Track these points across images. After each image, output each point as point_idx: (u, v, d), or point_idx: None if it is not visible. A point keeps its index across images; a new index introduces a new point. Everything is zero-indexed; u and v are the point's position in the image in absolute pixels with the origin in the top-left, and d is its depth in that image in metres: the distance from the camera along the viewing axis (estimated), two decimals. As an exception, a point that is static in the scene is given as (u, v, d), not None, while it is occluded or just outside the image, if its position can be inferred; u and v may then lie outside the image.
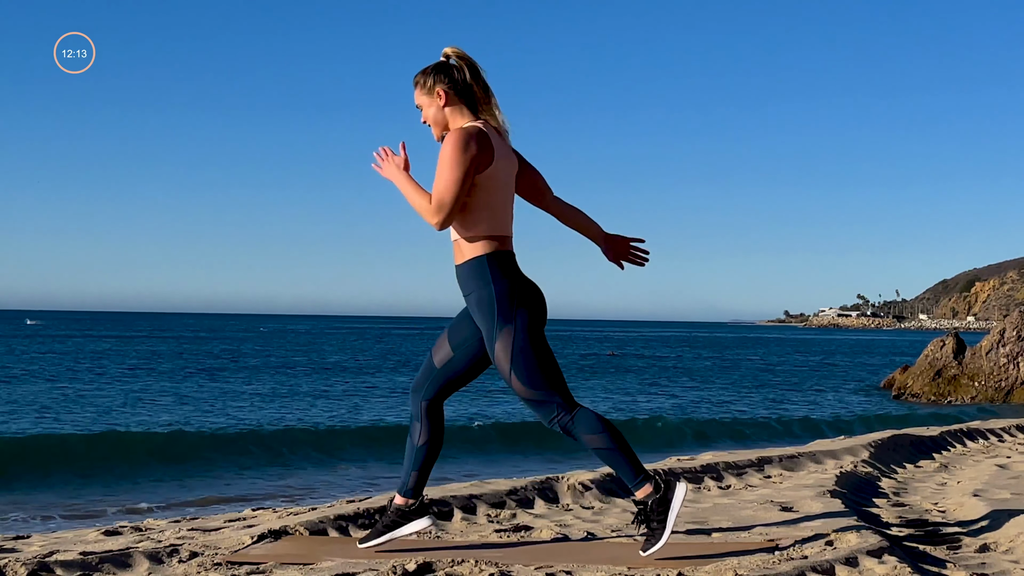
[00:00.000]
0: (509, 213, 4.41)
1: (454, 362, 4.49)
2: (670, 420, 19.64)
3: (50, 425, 16.72)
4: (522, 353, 4.28)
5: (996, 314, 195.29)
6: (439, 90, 4.37)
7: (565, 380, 4.40)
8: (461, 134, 4.25)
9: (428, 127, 4.45)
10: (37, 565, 4.30)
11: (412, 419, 4.55)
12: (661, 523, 4.26)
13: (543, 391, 4.30)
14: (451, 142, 4.24)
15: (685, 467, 7.23)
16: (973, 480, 7.15)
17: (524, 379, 4.29)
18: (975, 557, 4.65)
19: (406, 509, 4.55)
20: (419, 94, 4.42)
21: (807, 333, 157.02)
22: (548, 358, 4.33)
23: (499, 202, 4.34)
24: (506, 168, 4.37)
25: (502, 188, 4.35)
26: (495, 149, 4.30)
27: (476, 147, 4.23)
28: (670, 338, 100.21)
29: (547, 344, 4.37)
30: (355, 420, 18.35)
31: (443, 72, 4.38)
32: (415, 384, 4.56)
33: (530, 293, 4.35)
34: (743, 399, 25.88)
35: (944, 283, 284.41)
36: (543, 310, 4.39)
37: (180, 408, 20.12)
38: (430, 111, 4.41)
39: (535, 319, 4.33)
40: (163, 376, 29.76)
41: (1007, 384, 23.79)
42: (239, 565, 4.37)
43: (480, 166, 4.25)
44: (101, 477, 11.80)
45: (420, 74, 4.41)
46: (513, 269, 4.34)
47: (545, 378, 4.30)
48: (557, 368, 4.37)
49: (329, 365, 37.98)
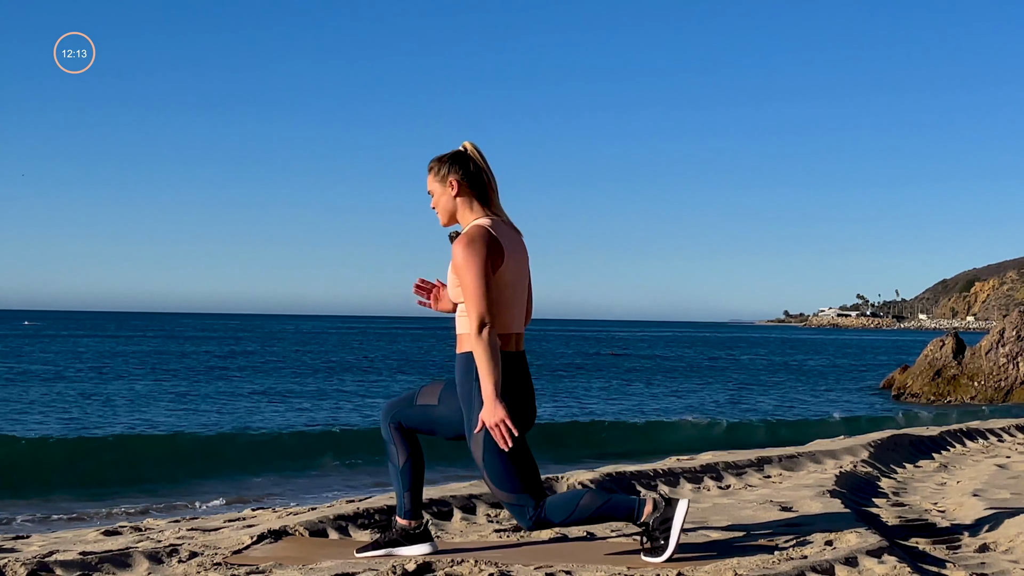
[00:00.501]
0: (518, 311, 4.38)
1: (434, 413, 4.48)
2: (670, 421, 19.65)
3: (78, 428, 16.73)
4: (496, 455, 4.28)
5: (996, 314, 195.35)
6: (452, 180, 4.38)
7: (539, 475, 4.39)
8: (466, 240, 4.25)
9: (434, 212, 4.47)
10: (37, 565, 4.30)
11: (386, 443, 4.54)
12: (666, 540, 4.27)
13: (515, 494, 4.32)
14: (462, 253, 4.23)
15: (685, 467, 7.23)
16: (973, 480, 7.15)
17: (496, 480, 4.31)
18: (975, 557, 4.65)
19: (410, 531, 4.54)
20: (432, 180, 4.44)
21: (807, 333, 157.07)
22: (523, 461, 4.31)
23: (508, 299, 4.32)
24: (516, 264, 4.36)
25: (510, 285, 4.33)
26: (504, 247, 4.30)
27: (485, 246, 4.23)
28: (670, 338, 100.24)
29: (526, 447, 4.35)
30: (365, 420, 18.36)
31: (458, 163, 4.40)
32: (387, 406, 4.56)
33: (519, 399, 4.31)
34: (743, 399, 25.89)
35: (944, 283, 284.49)
36: (530, 417, 4.38)
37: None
38: (441, 199, 4.42)
39: (517, 426, 4.27)
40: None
41: (1007, 384, 23.80)
42: (239, 565, 4.37)
43: (495, 264, 4.25)
44: (105, 477, 11.80)
45: (435, 161, 4.44)
46: (506, 371, 4.27)
47: (516, 481, 4.30)
48: (531, 467, 4.34)
49: (371, 364, 38.00)
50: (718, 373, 37.93)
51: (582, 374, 34.66)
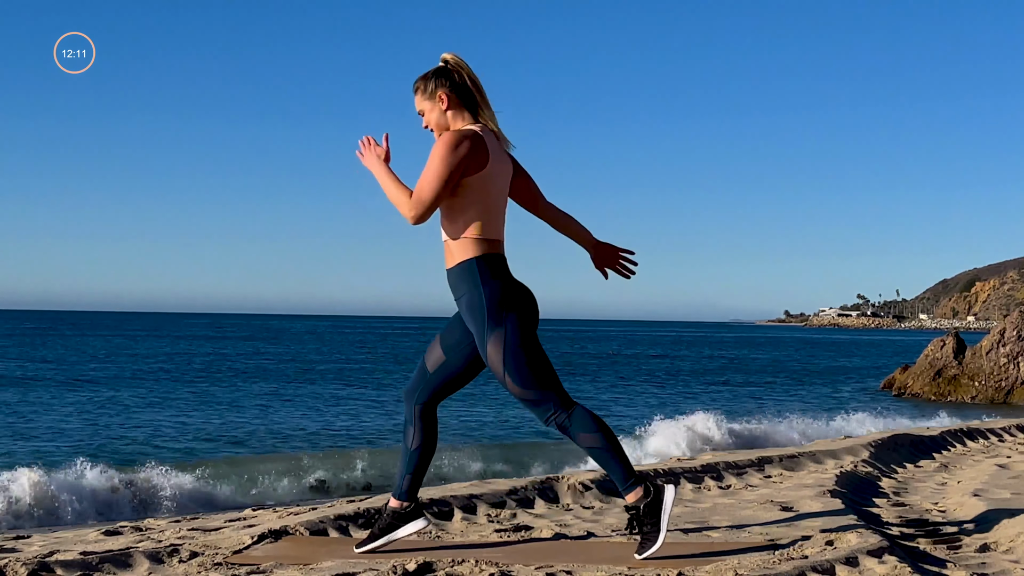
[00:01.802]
0: (502, 217, 4.42)
1: (447, 366, 4.49)
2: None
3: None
4: (514, 354, 4.28)
5: (996, 314, 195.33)
6: (441, 94, 4.38)
7: (559, 379, 4.41)
8: (455, 135, 4.26)
9: (431, 132, 4.45)
10: (37, 565, 4.30)
11: (406, 423, 4.56)
12: (654, 526, 4.27)
13: (537, 390, 4.31)
14: (443, 141, 4.25)
15: (685, 467, 7.23)
16: (973, 480, 7.15)
17: (518, 380, 4.29)
18: (975, 557, 4.65)
19: (401, 512, 4.56)
20: (420, 99, 4.43)
21: (807, 333, 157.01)
22: (541, 358, 4.34)
23: (492, 206, 4.34)
24: (500, 172, 4.37)
25: (495, 192, 4.35)
26: (490, 152, 4.31)
27: (468, 149, 4.24)
28: (670, 338, 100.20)
29: (539, 344, 4.37)
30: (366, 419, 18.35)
31: (444, 76, 4.39)
32: (408, 389, 4.57)
33: (521, 295, 4.35)
34: (743, 398, 25.88)
35: (944, 283, 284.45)
36: (534, 311, 4.39)
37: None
38: (432, 115, 4.41)
39: (526, 320, 4.33)
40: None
41: (1007, 384, 23.79)
42: (239, 565, 4.37)
43: (471, 168, 4.26)
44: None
45: (420, 79, 4.42)
46: (504, 272, 4.35)
47: (539, 377, 4.30)
48: (550, 367, 4.37)
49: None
50: (717, 373, 37.91)
51: (584, 375, 34.66)
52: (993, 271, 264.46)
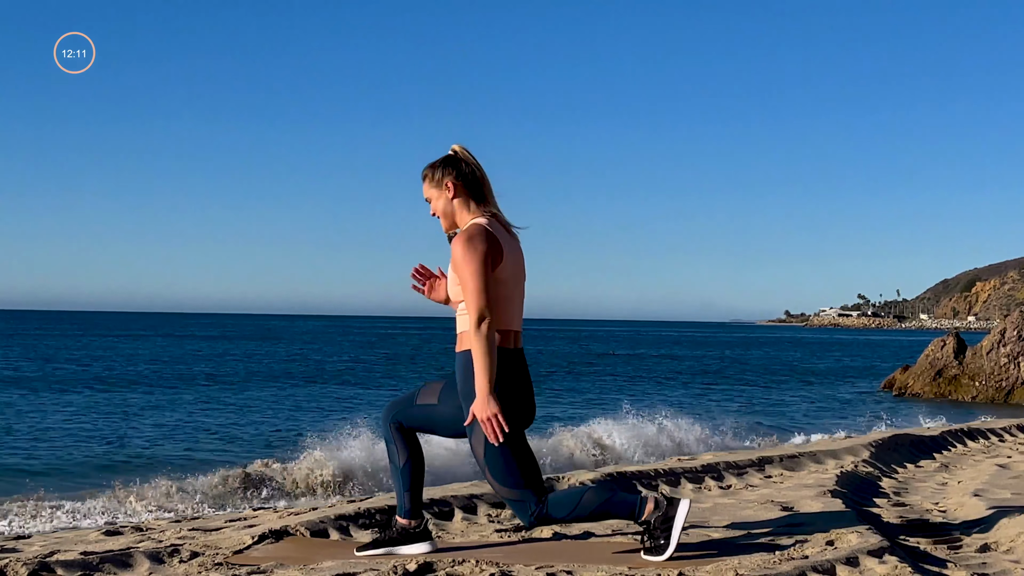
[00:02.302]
0: (516, 308, 4.41)
1: (434, 411, 4.50)
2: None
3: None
4: (497, 452, 4.29)
5: (997, 314, 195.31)
6: (448, 183, 4.41)
7: (540, 471, 4.41)
8: (465, 237, 4.27)
9: (437, 219, 4.49)
10: (38, 565, 4.30)
11: (387, 443, 4.56)
12: (667, 539, 4.29)
13: (517, 489, 4.33)
14: (461, 249, 4.26)
15: (686, 467, 7.23)
16: (974, 480, 7.15)
17: (498, 477, 4.32)
18: (976, 557, 4.65)
19: (410, 530, 4.55)
20: (427, 187, 4.47)
21: (808, 333, 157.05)
22: (524, 456, 4.33)
23: (506, 296, 4.35)
24: (513, 263, 4.38)
25: (508, 283, 4.36)
26: (502, 244, 4.33)
27: (483, 243, 4.26)
28: (670, 338, 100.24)
29: (526, 443, 4.37)
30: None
31: (451, 166, 4.43)
32: (388, 408, 4.58)
33: (516, 396, 4.33)
34: (744, 398, 25.88)
35: (945, 283, 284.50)
36: (530, 413, 4.41)
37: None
38: (439, 203, 4.45)
39: (516, 422, 4.31)
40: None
41: (1007, 384, 23.78)
42: (240, 565, 4.37)
43: (494, 261, 4.27)
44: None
45: (428, 168, 4.47)
46: (505, 368, 4.31)
47: (518, 477, 4.31)
48: (531, 463, 4.36)
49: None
50: (717, 373, 37.92)
51: (584, 375, 34.66)
52: (993, 271, 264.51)
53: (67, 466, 12.56)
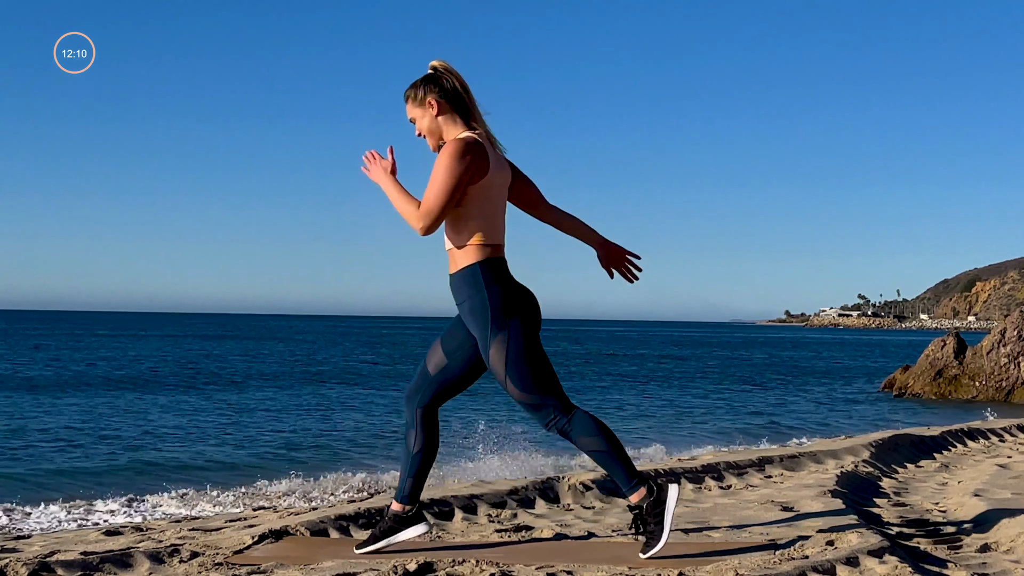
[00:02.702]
0: (502, 222, 4.45)
1: (449, 368, 4.51)
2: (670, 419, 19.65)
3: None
4: (516, 359, 4.31)
5: (997, 314, 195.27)
6: (431, 100, 4.40)
7: (560, 383, 4.43)
8: (458, 144, 4.28)
9: (423, 140, 4.48)
10: (38, 565, 4.30)
11: (407, 426, 4.57)
12: (658, 525, 4.29)
13: (539, 395, 4.33)
14: (448, 151, 4.27)
15: (686, 467, 7.23)
16: (974, 480, 7.15)
17: (519, 384, 4.32)
18: (976, 557, 4.65)
19: (403, 515, 4.57)
20: (411, 107, 4.46)
21: (808, 333, 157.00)
22: (543, 362, 4.36)
23: (493, 211, 4.38)
24: (500, 178, 4.40)
25: (496, 198, 4.39)
26: (490, 159, 4.34)
27: (472, 157, 4.27)
28: (670, 338, 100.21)
29: (541, 348, 4.40)
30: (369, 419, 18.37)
31: (433, 83, 4.42)
32: (409, 392, 4.58)
33: (523, 299, 4.37)
34: (744, 398, 25.88)
35: (945, 283, 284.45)
36: (537, 315, 4.42)
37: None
38: (423, 122, 4.44)
39: (529, 324, 4.36)
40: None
41: (1008, 384, 23.78)
42: (240, 565, 4.37)
43: (475, 176, 4.29)
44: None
45: (410, 88, 4.45)
46: (506, 276, 4.38)
47: (540, 382, 4.33)
48: (552, 371, 4.40)
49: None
50: (718, 373, 37.91)
51: (584, 375, 34.65)
52: (993, 271, 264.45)
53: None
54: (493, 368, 4.35)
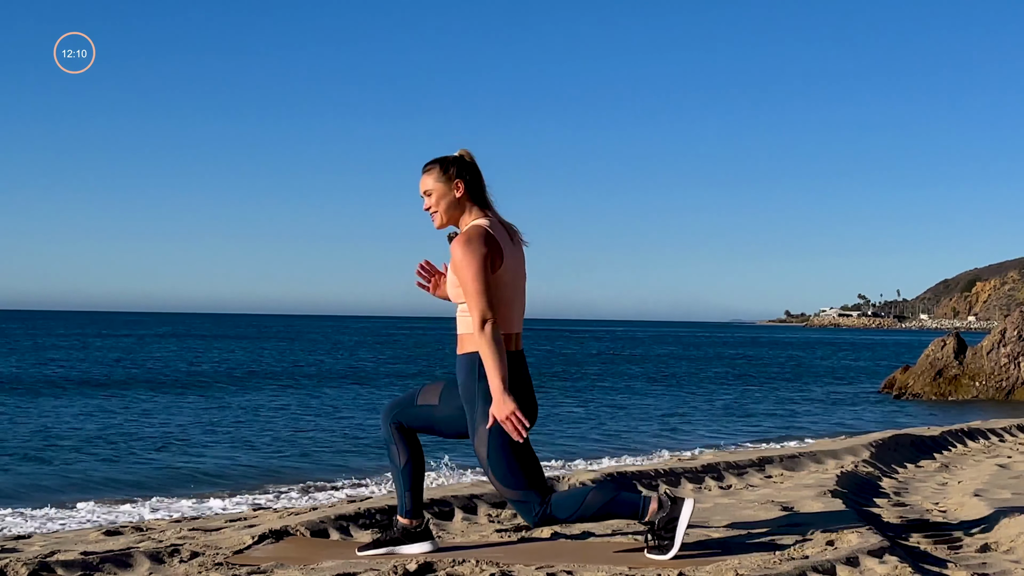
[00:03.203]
0: (517, 310, 4.41)
1: (435, 412, 4.51)
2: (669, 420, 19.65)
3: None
4: (499, 454, 4.30)
5: (997, 314, 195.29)
6: (459, 183, 4.41)
7: (542, 472, 4.42)
8: (466, 240, 4.27)
9: (426, 214, 4.48)
10: (38, 565, 4.30)
11: (386, 444, 4.56)
12: (671, 539, 4.30)
13: (520, 490, 4.34)
14: (459, 248, 4.26)
15: (686, 467, 7.23)
16: (974, 480, 7.15)
17: (500, 479, 4.33)
18: (976, 557, 4.65)
19: (411, 530, 4.56)
20: (433, 180, 4.44)
21: (808, 333, 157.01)
22: (526, 457, 4.34)
23: (507, 298, 4.35)
24: (513, 264, 4.39)
25: (509, 285, 4.36)
26: (502, 246, 4.33)
27: (485, 246, 4.26)
28: (670, 338, 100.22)
29: (528, 443, 4.38)
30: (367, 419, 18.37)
31: (462, 166, 4.43)
32: (388, 405, 4.58)
33: (519, 397, 4.32)
34: (744, 399, 25.88)
35: (945, 283, 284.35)
36: (531, 413, 4.41)
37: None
38: (444, 199, 4.42)
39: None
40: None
41: (1008, 384, 23.78)
42: (240, 565, 4.37)
43: (494, 262, 4.28)
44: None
45: (439, 161, 4.45)
46: (508, 369, 4.31)
47: (520, 478, 4.33)
48: (534, 463, 4.38)
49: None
50: (717, 373, 37.91)
51: (583, 375, 34.64)
52: (994, 271, 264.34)
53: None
54: (477, 453, 4.36)
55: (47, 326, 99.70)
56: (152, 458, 13.23)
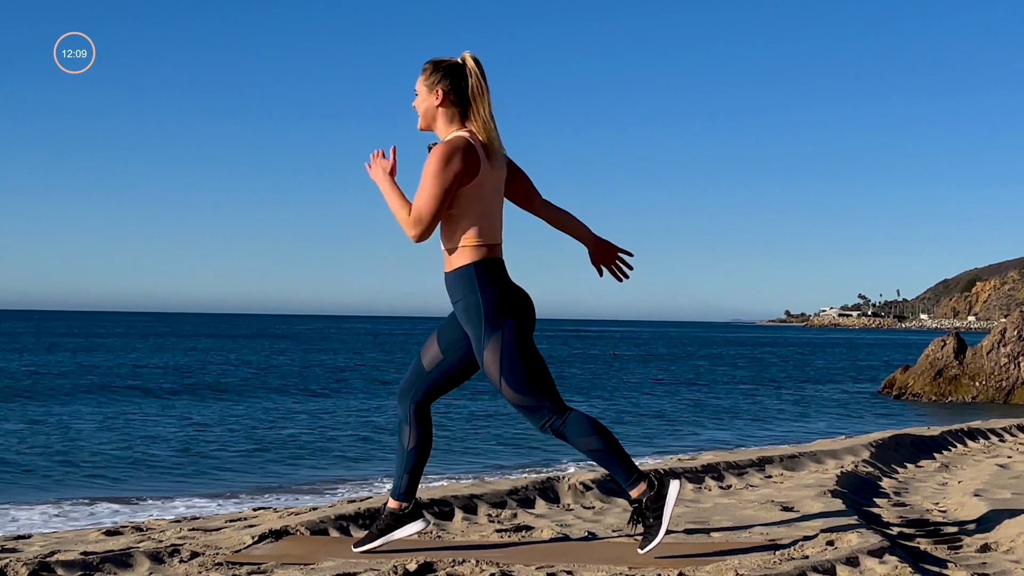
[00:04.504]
0: (498, 221, 4.44)
1: (443, 364, 4.51)
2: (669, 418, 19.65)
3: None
4: (511, 361, 4.30)
5: (997, 314, 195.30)
6: (439, 89, 4.40)
7: (555, 384, 4.42)
8: (445, 148, 4.27)
9: (415, 111, 4.48)
10: (38, 565, 4.30)
11: (400, 423, 4.57)
12: (657, 519, 4.29)
13: (533, 397, 4.32)
14: (435, 156, 4.27)
15: (686, 466, 7.23)
16: (974, 480, 7.15)
17: (513, 386, 4.32)
18: (976, 557, 4.65)
19: (400, 513, 4.56)
20: (421, 82, 4.45)
21: (808, 333, 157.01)
22: (537, 363, 4.35)
23: (487, 211, 4.37)
24: (494, 177, 4.39)
25: (490, 197, 4.37)
26: (481, 160, 4.33)
27: (460, 162, 4.26)
28: (670, 338, 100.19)
29: (536, 349, 4.39)
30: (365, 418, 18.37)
31: (451, 74, 4.40)
32: (403, 387, 4.57)
33: (518, 300, 4.37)
34: (744, 398, 25.88)
35: (945, 283, 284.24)
36: (531, 316, 4.41)
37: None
38: (423, 104, 4.44)
39: (523, 325, 4.35)
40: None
41: (1008, 384, 23.77)
42: (240, 565, 4.37)
43: (465, 179, 4.28)
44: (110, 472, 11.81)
45: (431, 63, 4.44)
46: (501, 276, 4.37)
47: (534, 384, 4.32)
48: (546, 372, 4.39)
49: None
50: (718, 373, 37.91)
51: (585, 375, 34.64)
52: (994, 271, 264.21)
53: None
54: (487, 370, 4.34)
55: (47, 326, 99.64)
56: (153, 458, 13.23)
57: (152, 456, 13.41)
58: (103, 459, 13.07)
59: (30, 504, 9.60)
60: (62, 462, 12.80)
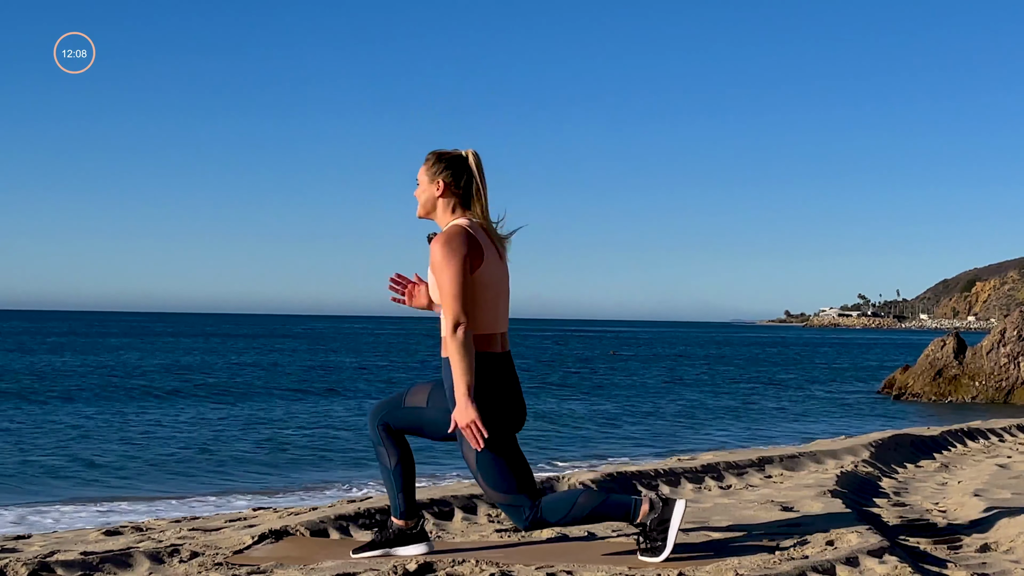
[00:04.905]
0: (500, 311, 4.39)
1: (423, 415, 4.46)
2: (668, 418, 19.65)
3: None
4: (488, 458, 4.29)
5: (997, 314, 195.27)
6: (440, 180, 4.41)
7: (532, 475, 4.40)
8: (447, 236, 4.27)
9: (415, 199, 4.49)
10: (38, 565, 4.30)
11: (375, 445, 4.54)
12: (663, 541, 4.28)
13: (510, 495, 4.33)
14: (440, 247, 4.25)
15: (686, 466, 7.23)
16: (974, 480, 7.15)
17: (489, 483, 4.33)
18: (976, 557, 4.65)
19: (407, 531, 4.54)
20: (423, 171, 4.47)
21: (808, 333, 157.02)
22: (515, 461, 4.33)
23: (487, 300, 4.32)
24: (495, 266, 4.36)
25: (491, 285, 4.34)
26: (482, 246, 4.32)
27: (464, 245, 4.25)
28: (670, 338, 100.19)
29: (516, 446, 4.37)
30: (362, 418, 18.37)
31: (453, 167, 4.42)
32: (375, 410, 4.55)
33: (504, 400, 4.32)
34: (744, 399, 25.88)
35: (945, 283, 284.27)
36: (518, 416, 4.39)
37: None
38: (424, 193, 4.45)
39: (506, 425, 4.32)
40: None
41: (1007, 384, 23.77)
42: (240, 565, 4.37)
43: (475, 262, 4.26)
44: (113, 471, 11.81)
45: (433, 155, 4.46)
46: (492, 373, 4.30)
47: (510, 482, 4.32)
48: (523, 467, 4.37)
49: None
50: (718, 373, 37.91)
51: (584, 376, 34.64)
52: (993, 271, 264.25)
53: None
54: (466, 459, 4.34)
55: (48, 326, 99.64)
56: (153, 458, 13.23)
57: (152, 456, 13.41)
58: (103, 459, 13.07)
59: (30, 504, 9.61)
60: (62, 462, 12.80)
